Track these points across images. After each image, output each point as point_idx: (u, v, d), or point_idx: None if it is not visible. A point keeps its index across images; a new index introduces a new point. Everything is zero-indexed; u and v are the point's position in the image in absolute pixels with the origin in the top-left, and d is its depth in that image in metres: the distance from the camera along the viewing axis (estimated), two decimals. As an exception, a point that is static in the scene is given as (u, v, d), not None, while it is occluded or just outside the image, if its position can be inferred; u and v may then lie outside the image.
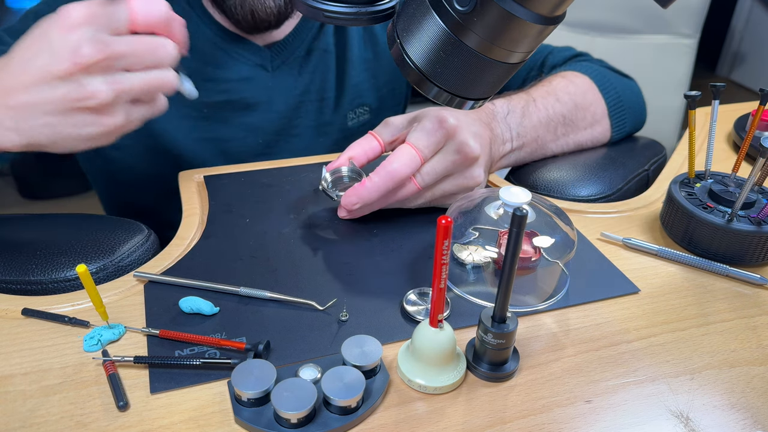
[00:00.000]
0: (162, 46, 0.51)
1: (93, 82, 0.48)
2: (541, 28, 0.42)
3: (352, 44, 0.85)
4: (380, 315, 0.52)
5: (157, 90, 0.52)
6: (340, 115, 0.88)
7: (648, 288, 0.56)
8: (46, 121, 0.50)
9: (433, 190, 0.62)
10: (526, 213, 0.39)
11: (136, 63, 0.50)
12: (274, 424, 0.41)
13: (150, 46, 0.50)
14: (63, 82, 0.48)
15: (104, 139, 0.52)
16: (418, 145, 0.59)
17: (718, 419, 0.43)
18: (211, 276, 0.55)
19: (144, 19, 0.50)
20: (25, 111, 0.50)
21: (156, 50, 0.50)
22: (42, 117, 0.49)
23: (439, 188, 0.62)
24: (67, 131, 0.50)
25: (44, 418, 0.42)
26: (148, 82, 0.50)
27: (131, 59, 0.49)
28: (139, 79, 0.50)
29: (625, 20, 1.39)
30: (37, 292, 0.54)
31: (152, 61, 0.50)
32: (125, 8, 0.49)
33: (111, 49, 0.48)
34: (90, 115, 0.49)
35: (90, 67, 0.47)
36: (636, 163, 0.79)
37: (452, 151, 0.60)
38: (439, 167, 0.60)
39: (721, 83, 0.63)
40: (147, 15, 0.50)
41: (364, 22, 0.51)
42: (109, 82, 0.48)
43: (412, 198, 0.62)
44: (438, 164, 0.60)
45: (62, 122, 0.50)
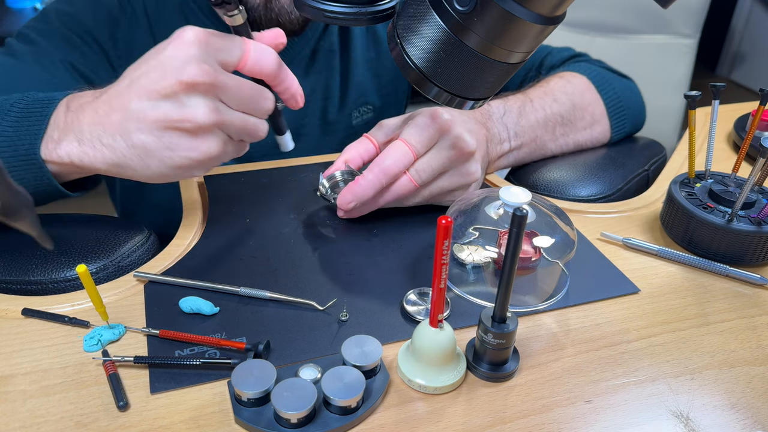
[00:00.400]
0: (264, 98, 0.52)
1: (194, 103, 0.48)
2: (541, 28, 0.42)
3: (355, 44, 0.85)
4: (380, 315, 0.52)
5: (249, 134, 0.52)
6: (345, 114, 0.88)
7: (648, 288, 0.56)
8: (142, 139, 0.49)
9: (430, 188, 0.62)
10: (526, 213, 0.39)
11: (236, 102, 0.50)
12: (274, 424, 0.41)
13: (255, 92, 0.51)
14: (165, 100, 0.48)
15: (196, 169, 0.52)
16: (410, 141, 0.59)
17: (718, 419, 0.43)
18: (211, 276, 0.55)
19: (254, 64, 0.51)
20: (123, 126, 0.49)
21: (258, 98, 0.51)
22: (138, 134, 0.49)
23: (435, 185, 0.62)
24: (160, 153, 0.50)
25: (44, 418, 0.42)
26: (246, 122, 0.51)
27: (233, 96, 0.49)
28: (239, 117, 0.50)
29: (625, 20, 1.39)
30: (37, 292, 0.54)
31: (252, 108, 0.51)
32: (240, 47, 0.50)
33: (217, 77, 0.48)
34: (186, 138, 0.49)
35: (193, 86, 0.47)
36: (636, 163, 0.79)
37: (447, 146, 0.59)
38: (435, 163, 0.60)
39: (721, 83, 0.63)
40: (257, 62, 0.51)
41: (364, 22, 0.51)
42: (210, 107, 0.48)
43: (410, 196, 0.61)
44: (433, 160, 0.60)
45: (157, 143, 0.49)
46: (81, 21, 0.73)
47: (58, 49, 0.70)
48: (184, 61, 0.47)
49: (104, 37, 0.73)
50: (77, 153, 0.51)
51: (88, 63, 0.72)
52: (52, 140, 0.52)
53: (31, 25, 0.72)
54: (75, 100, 0.53)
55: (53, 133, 0.52)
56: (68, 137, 0.52)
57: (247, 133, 0.52)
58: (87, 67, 0.72)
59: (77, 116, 0.52)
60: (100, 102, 0.51)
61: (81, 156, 0.51)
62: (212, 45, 0.49)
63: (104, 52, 0.74)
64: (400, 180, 0.59)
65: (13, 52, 0.69)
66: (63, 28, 0.72)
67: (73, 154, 0.51)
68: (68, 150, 0.51)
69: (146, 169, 0.51)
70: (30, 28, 0.72)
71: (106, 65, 0.74)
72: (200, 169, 0.52)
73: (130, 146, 0.50)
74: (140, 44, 0.75)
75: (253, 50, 0.51)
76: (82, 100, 0.53)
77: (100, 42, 0.73)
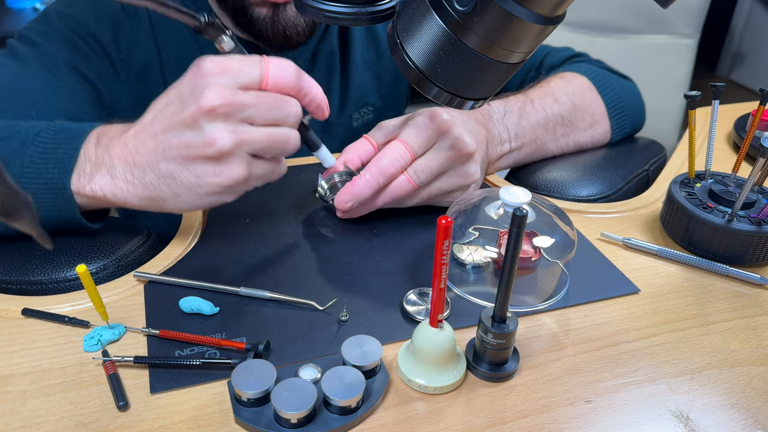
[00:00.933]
0: (287, 104, 0.51)
1: (214, 128, 0.48)
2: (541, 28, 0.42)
3: (354, 45, 0.85)
4: (380, 315, 0.52)
5: (278, 147, 0.52)
6: (346, 115, 0.88)
7: (648, 288, 0.56)
8: (168, 169, 0.50)
9: (428, 188, 0.61)
10: (526, 213, 0.39)
11: (260, 116, 0.50)
12: (274, 424, 0.41)
13: (276, 101, 0.50)
14: (187, 129, 0.49)
15: (226, 195, 0.52)
16: (408, 141, 0.58)
17: (718, 419, 0.43)
18: (211, 276, 0.55)
19: (275, 81, 0.51)
20: (151, 158, 0.50)
21: (281, 106, 0.51)
22: (164, 164, 0.50)
23: (434, 186, 0.61)
24: (188, 181, 0.50)
25: (44, 418, 0.42)
26: (270, 136, 0.50)
27: (255, 111, 0.49)
28: (261, 133, 0.50)
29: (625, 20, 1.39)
30: (37, 292, 0.54)
31: (276, 117, 0.51)
32: (260, 68, 0.50)
33: (235, 98, 0.48)
34: (210, 164, 0.49)
35: (212, 112, 0.47)
36: (636, 163, 0.79)
37: (446, 147, 0.59)
38: (434, 163, 0.59)
39: (721, 83, 0.63)
40: (279, 78, 0.51)
41: (364, 22, 0.51)
42: (230, 130, 0.48)
43: (408, 197, 0.61)
44: (432, 161, 0.59)
45: (183, 171, 0.50)
46: (83, 23, 0.73)
47: (61, 52, 0.70)
48: (201, 88, 0.48)
49: (107, 40, 0.73)
50: (110, 187, 0.52)
51: (91, 65, 0.72)
52: (85, 174, 0.53)
53: (33, 26, 0.72)
54: (105, 134, 0.54)
55: (85, 167, 0.53)
56: (101, 171, 0.52)
57: (277, 147, 0.51)
58: (90, 69, 0.72)
59: (108, 150, 0.52)
60: (128, 136, 0.52)
61: (114, 190, 0.52)
62: (230, 70, 0.49)
63: (107, 55, 0.74)
64: (397, 180, 0.59)
65: (16, 54, 0.69)
66: (66, 30, 0.72)
67: (106, 188, 0.52)
68: (102, 184, 0.52)
69: (176, 199, 0.52)
70: (32, 30, 0.72)
71: (109, 68, 0.74)
72: (229, 194, 0.52)
73: (159, 177, 0.51)
74: (142, 47, 0.75)
75: (273, 68, 0.50)
76: (111, 134, 0.53)
77: (103, 44, 0.73)
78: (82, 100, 0.71)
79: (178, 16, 0.47)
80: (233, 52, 0.53)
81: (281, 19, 0.72)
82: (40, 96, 0.67)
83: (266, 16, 0.72)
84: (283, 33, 0.73)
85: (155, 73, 0.77)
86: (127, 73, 0.75)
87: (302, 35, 0.75)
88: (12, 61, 0.69)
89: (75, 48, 0.71)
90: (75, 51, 0.71)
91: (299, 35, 0.75)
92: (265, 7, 0.72)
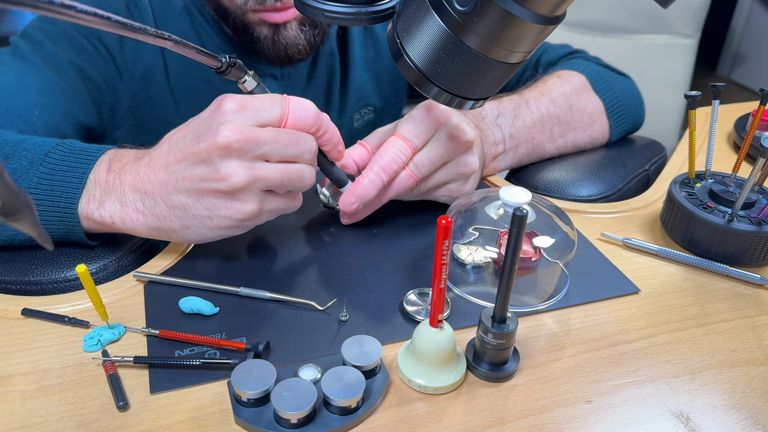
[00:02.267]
0: (303, 140, 0.51)
1: (229, 165, 0.48)
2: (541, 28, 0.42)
3: (353, 46, 0.85)
4: (380, 315, 0.52)
5: (293, 183, 0.51)
6: (347, 117, 0.88)
7: (648, 288, 0.56)
8: (180, 200, 0.50)
9: (428, 181, 0.61)
10: (526, 213, 0.39)
11: (275, 153, 0.49)
12: (274, 424, 0.41)
13: (292, 138, 0.50)
14: (201, 163, 0.49)
15: (236, 229, 0.52)
16: (407, 135, 0.58)
17: (719, 419, 0.43)
18: (211, 276, 0.55)
19: (295, 120, 0.50)
20: (163, 189, 0.50)
21: (298, 143, 0.50)
22: (176, 195, 0.50)
23: (434, 178, 0.61)
24: (199, 214, 0.50)
25: (44, 418, 0.42)
26: (285, 173, 0.50)
27: (271, 148, 0.49)
28: (276, 169, 0.50)
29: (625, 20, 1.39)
30: (37, 292, 0.54)
31: (293, 154, 0.50)
32: (280, 105, 0.50)
33: (250, 134, 0.48)
34: (222, 199, 0.50)
35: (227, 149, 0.47)
36: (636, 163, 0.79)
37: (445, 137, 0.59)
38: (433, 155, 0.59)
39: (721, 83, 0.63)
40: (299, 118, 0.51)
41: (364, 22, 0.51)
42: (245, 167, 0.48)
43: (409, 191, 0.61)
44: (432, 152, 0.59)
45: (195, 204, 0.50)
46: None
47: (65, 51, 0.70)
48: (219, 124, 0.48)
49: (112, 41, 0.73)
50: (120, 215, 0.52)
51: (95, 66, 0.72)
52: (95, 199, 0.53)
53: (37, 25, 0.72)
54: (117, 160, 0.54)
55: (95, 192, 0.53)
56: (110, 198, 0.52)
57: (291, 183, 0.51)
58: (94, 70, 0.72)
59: (119, 177, 0.52)
60: (141, 164, 0.52)
61: (123, 218, 0.52)
62: (251, 108, 0.49)
63: (111, 56, 0.74)
64: (400, 176, 0.59)
65: (20, 53, 0.69)
66: (70, 30, 0.71)
67: (115, 216, 0.52)
68: (111, 212, 0.52)
69: (186, 231, 0.52)
70: (36, 29, 0.71)
71: (113, 69, 0.74)
72: (240, 229, 0.52)
73: (170, 208, 0.51)
74: (147, 49, 0.75)
75: (293, 107, 0.51)
76: (124, 160, 0.53)
77: (107, 45, 0.73)
78: (85, 100, 0.71)
79: (200, 57, 0.47)
80: (255, 91, 0.53)
81: (282, 38, 0.73)
82: (43, 96, 0.67)
83: (267, 36, 0.73)
84: (285, 52, 0.74)
85: (159, 76, 0.77)
86: (130, 75, 0.75)
87: (303, 53, 0.75)
88: (15, 60, 0.68)
89: (79, 48, 0.71)
90: (79, 51, 0.71)
91: (300, 53, 0.75)
92: (265, 27, 0.72)
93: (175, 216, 0.51)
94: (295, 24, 0.73)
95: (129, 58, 0.75)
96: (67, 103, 0.68)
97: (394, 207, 0.65)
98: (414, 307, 0.52)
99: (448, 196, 0.63)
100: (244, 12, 0.71)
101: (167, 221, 0.51)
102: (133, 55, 0.75)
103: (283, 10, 0.70)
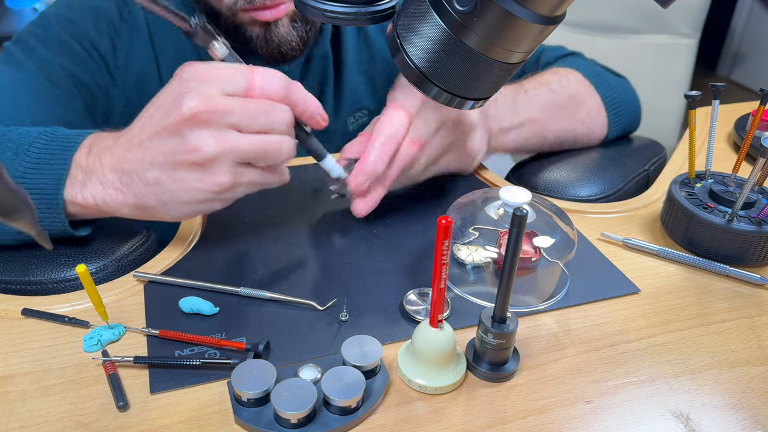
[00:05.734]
0: (275, 110, 0.50)
1: (198, 135, 0.48)
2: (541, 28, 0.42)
3: (347, 48, 0.85)
4: (380, 315, 0.51)
5: (270, 155, 0.50)
6: (341, 120, 0.87)
7: (648, 288, 0.56)
8: (154, 176, 0.50)
9: (430, 147, 0.61)
10: (526, 213, 0.39)
11: (246, 123, 0.49)
12: (274, 424, 0.41)
13: (262, 107, 0.49)
14: (171, 136, 0.48)
15: (213, 203, 0.52)
16: (404, 103, 0.58)
17: (719, 419, 0.43)
18: (211, 276, 0.55)
19: (261, 91, 0.49)
20: (138, 166, 0.50)
21: (269, 113, 0.49)
22: (150, 171, 0.50)
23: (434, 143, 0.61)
24: (173, 187, 0.50)
25: (44, 418, 0.42)
26: (259, 144, 0.49)
27: (240, 118, 0.48)
28: (248, 140, 0.49)
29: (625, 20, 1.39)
30: (37, 292, 0.54)
31: (264, 124, 0.49)
32: (245, 75, 0.49)
33: (216, 104, 0.47)
34: (195, 171, 0.49)
35: (194, 119, 0.47)
36: (636, 163, 0.79)
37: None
38: (429, 117, 0.59)
39: (721, 83, 0.63)
40: (264, 88, 0.50)
41: (364, 22, 0.51)
42: (215, 137, 0.48)
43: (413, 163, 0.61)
44: (428, 115, 0.59)
45: (168, 178, 0.50)
46: (82, 29, 0.72)
47: (58, 56, 0.70)
48: (183, 95, 0.47)
49: (104, 46, 0.73)
50: (101, 196, 0.52)
51: (88, 71, 0.72)
52: (77, 182, 0.53)
53: (31, 30, 0.72)
54: (97, 143, 0.54)
55: (77, 175, 0.53)
56: (91, 180, 0.52)
57: (268, 155, 0.50)
58: (86, 75, 0.72)
59: (99, 159, 0.52)
60: (119, 145, 0.52)
61: (104, 198, 0.52)
62: (214, 77, 0.49)
63: (104, 61, 0.73)
64: (402, 146, 0.59)
65: (13, 59, 0.69)
66: (64, 34, 0.71)
67: (97, 196, 0.52)
68: (93, 193, 0.52)
69: (164, 207, 0.52)
70: (29, 34, 0.71)
71: (106, 74, 0.74)
72: (216, 202, 0.52)
73: (146, 184, 0.50)
74: (141, 54, 0.75)
75: (259, 76, 0.50)
76: (104, 143, 0.53)
77: (101, 51, 0.73)
78: (78, 106, 0.71)
79: (169, 16, 0.47)
80: (227, 59, 0.52)
81: (274, 36, 0.72)
82: (36, 101, 0.67)
83: (259, 35, 0.72)
84: (278, 49, 0.73)
85: (153, 81, 0.76)
86: (123, 80, 0.75)
87: (297, 49, 0.75)
88: (8, 67, 0.68)
89: (72, 53, 0.71)
90: (72, 56, 0.71)
91: (294, 50, 0.74)
92: (256, 26, 0.72)
93: (151, 192, 0.51)
94: (287, 21, 0.72)
95: (121, 63, 0.74)
96: (59, 108, 0.69)
97: (394, 207, 0.65)
98: (414, 307, 0.52)
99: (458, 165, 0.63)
100: (234, 12, 0.70)
101: (144, 198, 0.51)
102: (126, 60, 0.75)
103: (273, 8, 0.70)
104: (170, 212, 0.52)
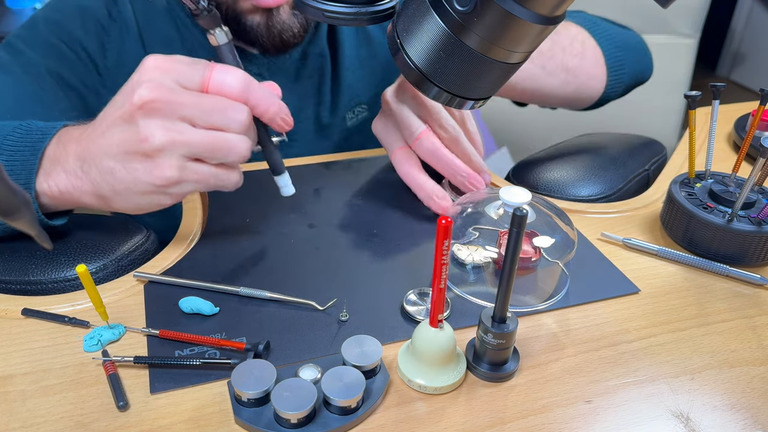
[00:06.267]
0: (231, 108, 0.49)
1: (149, 125, 0.47)
2: (541, 28, 0.42)
3: (344, 45, 0.85)
4: (380, 315, 0.52)
5: (221, 153, 0.49)
6: (339, 116, 0.87)
7: (648, 288, 0.56)
8: (108, 165, 0.50)
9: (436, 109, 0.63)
10: (526, 213, 0.39)
11: (199, 118, 0.48)
12: (274, 424, 0.41)
13: (217, 104, 0.49)
14: (125, 124, 0.48)
15: (161, 197, 0.51)
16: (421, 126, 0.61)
17: (719, 419, 0.43)
18: (211, 276, 0.55)
19: (216, 88, 0.49)
20: (96, 154, 0.50)
21: (224, 110, 0.49)
22: (106, 160, 0.50)
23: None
24: (125, 178, 0.49)
25: (44, 418, 0.42)
26: (210, 140, 0.49)
27: (193, 112, 0.48)
28: (199, 135, 0.48)
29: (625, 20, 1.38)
30: (37, 292, 0.54)
31: (218, 121, 0.49)
32: (201, 71, 0.49)
33: (170, 95, 0.47)
34: (143, 162, 0.49)
35: (146, 107, 0.47)
36: (636, 163, 0.79)
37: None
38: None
39: (721, 83, 0.63)
40: (220, 85, 0.49)
41: (364, 22, 0.51)
42: (164, 127, 0.47)
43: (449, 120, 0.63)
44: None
45: (122, 168, 0.49)
46: (69, 31, 0.72)
47: (45, 59, 0.70)
48: (139, 84, 0.47)
49: (93, 47, 0.73)
50: (65, 183, 0.52)
51: (76, 73, 0.72)
52: (45, 172, 0.53)
53: (19, 33, 0.72)
54: (66, 133, 0.54)
55: (46, 165, 0.53)
56: (56, 169, 0.53)
57: (219, 152, 0.49)
58: (75, 77, 0.72)
59: (65, 148, 0.53)
60: (84, 134, 0.52)
61: (67, 186, 0.52)
62: (172, 70, 0.49)
63: (93, 62, 0.73)
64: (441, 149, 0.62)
65: (1, 63, 0.69)
66: (52, 37, 0.71)
67: (61, 184, 0.52)
68: (57, 181, 0.52)
69: (117, 197, 0.51)
70: (17, 37, 0.71)
71: (95, 75, 0.74)
72: (164, 196, 0.51)
73: (101, 173, 0.50)
74: (130, 53, 0.75)
75: (216, 73, 0.49)
76: (73, 134, 0.53)
77: (89, 51, 0.73)
78: (66, 108, 0.71)
79: None
80: (223, 48, 0.52)
81: (276, 23, 0.72)
82: (21, 104, 0.67)
83: (260, 23, 0.72)
84: (280, 37, 0.73)
85: None
86: (113, 81, 0.75)
87: (298, 36, 0.75)
88: None
89: (60, 55, 0.71)
90: (60, 58, 0.71)
91: (295, 37, 0.74)
92: (257, 14, 0.71)
93: (105, 181, 0.50)
94: (288, 7, 0.72)
95: (111, 64, 0.74)
96: (45, 110, 0.68)
97: (394, 207, 0.65)
98: (414, 307, 0.52)
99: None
100: (235, 1, 0.71)
101: (100, 186, 0.51)
102: (116, 59, 0.74)
103: None
104: (124, 204, 0.52)
